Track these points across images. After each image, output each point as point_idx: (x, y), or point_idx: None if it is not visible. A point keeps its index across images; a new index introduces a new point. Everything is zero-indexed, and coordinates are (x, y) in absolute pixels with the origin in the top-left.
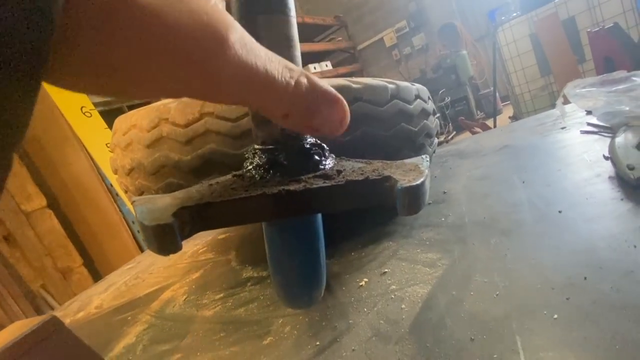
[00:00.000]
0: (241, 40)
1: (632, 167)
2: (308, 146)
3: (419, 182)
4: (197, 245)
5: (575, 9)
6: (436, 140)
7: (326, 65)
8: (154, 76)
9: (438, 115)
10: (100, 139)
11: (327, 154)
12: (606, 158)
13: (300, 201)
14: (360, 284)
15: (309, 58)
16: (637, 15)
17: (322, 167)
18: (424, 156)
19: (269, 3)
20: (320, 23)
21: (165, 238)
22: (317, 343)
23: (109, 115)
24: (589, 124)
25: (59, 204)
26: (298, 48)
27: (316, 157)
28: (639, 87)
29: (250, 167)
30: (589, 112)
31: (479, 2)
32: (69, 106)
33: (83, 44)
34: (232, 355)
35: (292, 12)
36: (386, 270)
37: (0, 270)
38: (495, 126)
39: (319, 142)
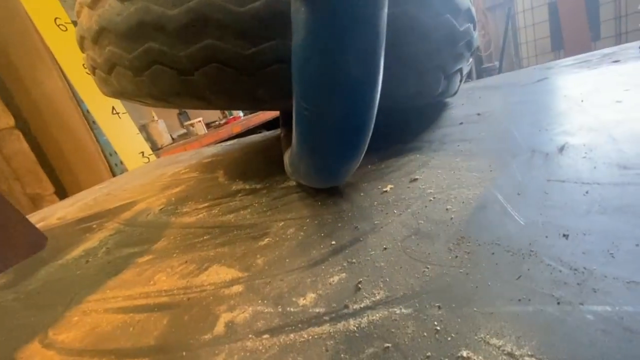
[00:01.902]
0: None
1: None
2: None
3: None
4: (178, 167)
5: None
6: (471, 64)
7: None
8: None
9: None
10: (76, 57)
11: None
12: None
13: None
14: (385, 189)
15: None
16: None
17: None
18: None
19: None
20: None
21: None
22: (333, 242)
23: None
24: None
25: (29, 126)
26: None
27: None
28: None
29: None
30: None
31: None
32: (42, 16)
33: None
34: (218, 256)
35: None
36: (417, 177)
37: None
38: None
39: None
